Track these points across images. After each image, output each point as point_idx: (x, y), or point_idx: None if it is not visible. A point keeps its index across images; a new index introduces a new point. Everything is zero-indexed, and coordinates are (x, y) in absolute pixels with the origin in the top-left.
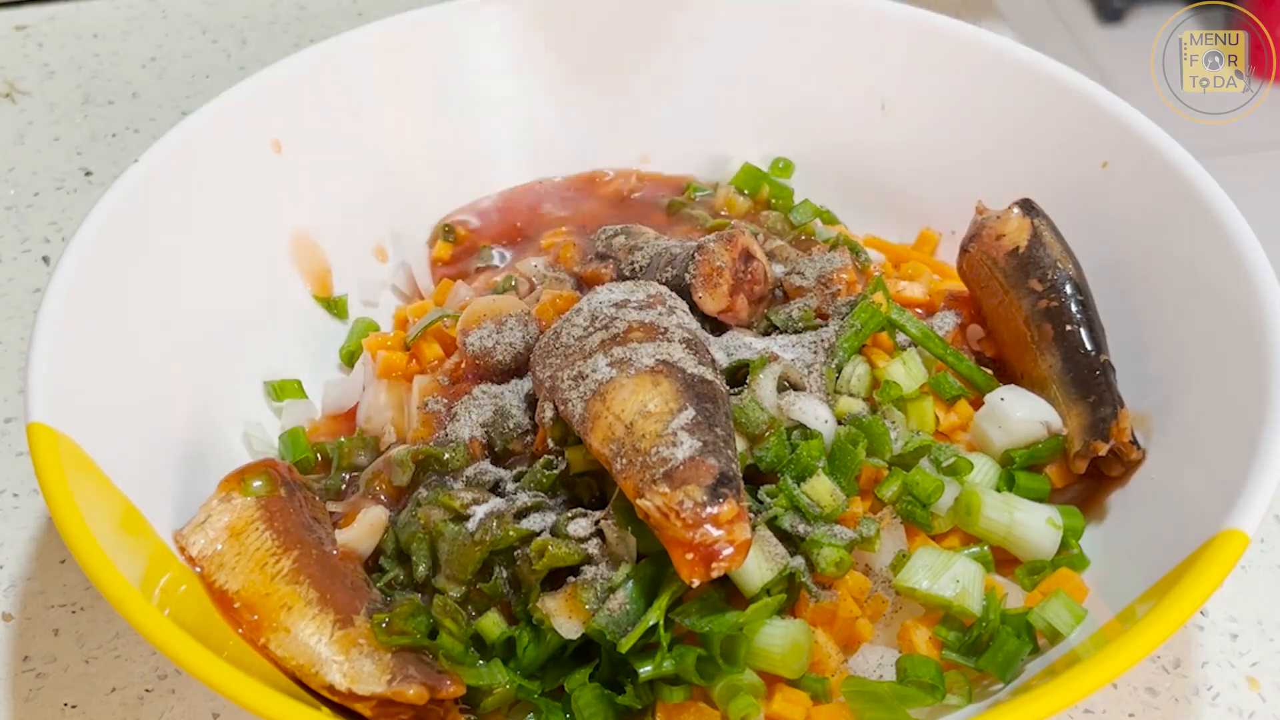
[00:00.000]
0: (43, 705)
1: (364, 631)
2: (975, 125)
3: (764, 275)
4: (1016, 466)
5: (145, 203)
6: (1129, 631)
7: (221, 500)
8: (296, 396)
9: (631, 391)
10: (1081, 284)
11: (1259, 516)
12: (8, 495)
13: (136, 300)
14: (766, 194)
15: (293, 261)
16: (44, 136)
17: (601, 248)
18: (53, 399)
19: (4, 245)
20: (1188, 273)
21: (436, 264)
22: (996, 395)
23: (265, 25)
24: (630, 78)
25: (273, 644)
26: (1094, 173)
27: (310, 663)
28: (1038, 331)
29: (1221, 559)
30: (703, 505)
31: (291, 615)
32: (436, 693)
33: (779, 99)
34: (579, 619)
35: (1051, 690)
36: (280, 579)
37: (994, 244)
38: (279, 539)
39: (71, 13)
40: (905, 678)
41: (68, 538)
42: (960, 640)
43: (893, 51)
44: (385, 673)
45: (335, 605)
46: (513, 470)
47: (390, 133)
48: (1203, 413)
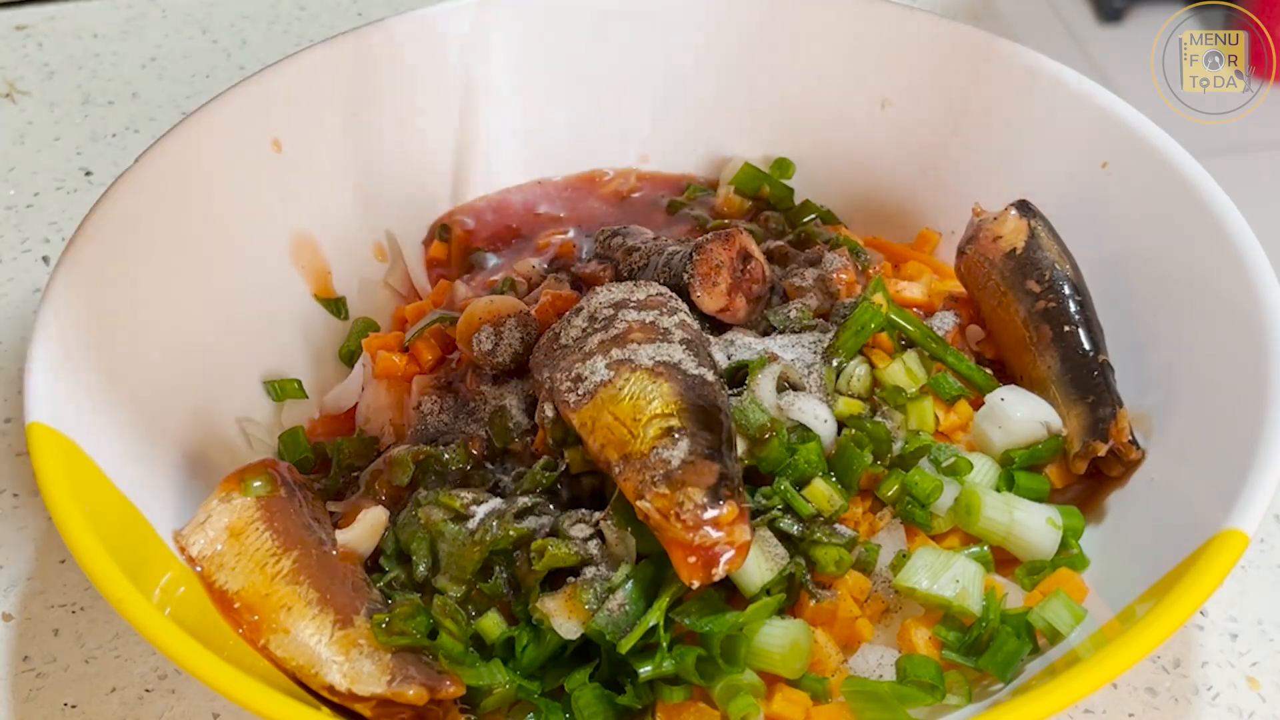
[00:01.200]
0: (43, 705)
1: (364, 632)
2: (975, 125)
3: (762, 274)
4: (1016, 466)
5: (145, 202)
6: (1129, 631)
7: (221, 500)
8: (297, 397)
9: (631, 392)
10: (1079, 284)
11: (1259, 516)
12: (8, 495)
13: (136, 300)
14: (767, 194)
15: (293, 261)
16: (44, 136)
17: (600, 248)
18: (52, 399)
19: (4, 245)
20: (1187, 273)
21: (432, 264)
22: (997, 395)
23: (265, 25)
24: (630, 78)
25: (273, 644)
26: (1094, 173)
27: (310, 663)
28: (1036, 332)
29: (1221, 559)
30: (703, 507)
31: (291, 616)
32: (436, 693)
33: (779, 99)
34: (578, 619)
35: (1051, 690)
36: (280, 579)
37: (991, 245)
38: (279, 539)
39: (71, 13)
40: (905, 678)
41: (68, 537)
42: (960, 640)
43: (893, 51)
44: (385, 673)
45: (335, 606)
46: (512, 471)
47: (390, 132)
48: (1202, 412)
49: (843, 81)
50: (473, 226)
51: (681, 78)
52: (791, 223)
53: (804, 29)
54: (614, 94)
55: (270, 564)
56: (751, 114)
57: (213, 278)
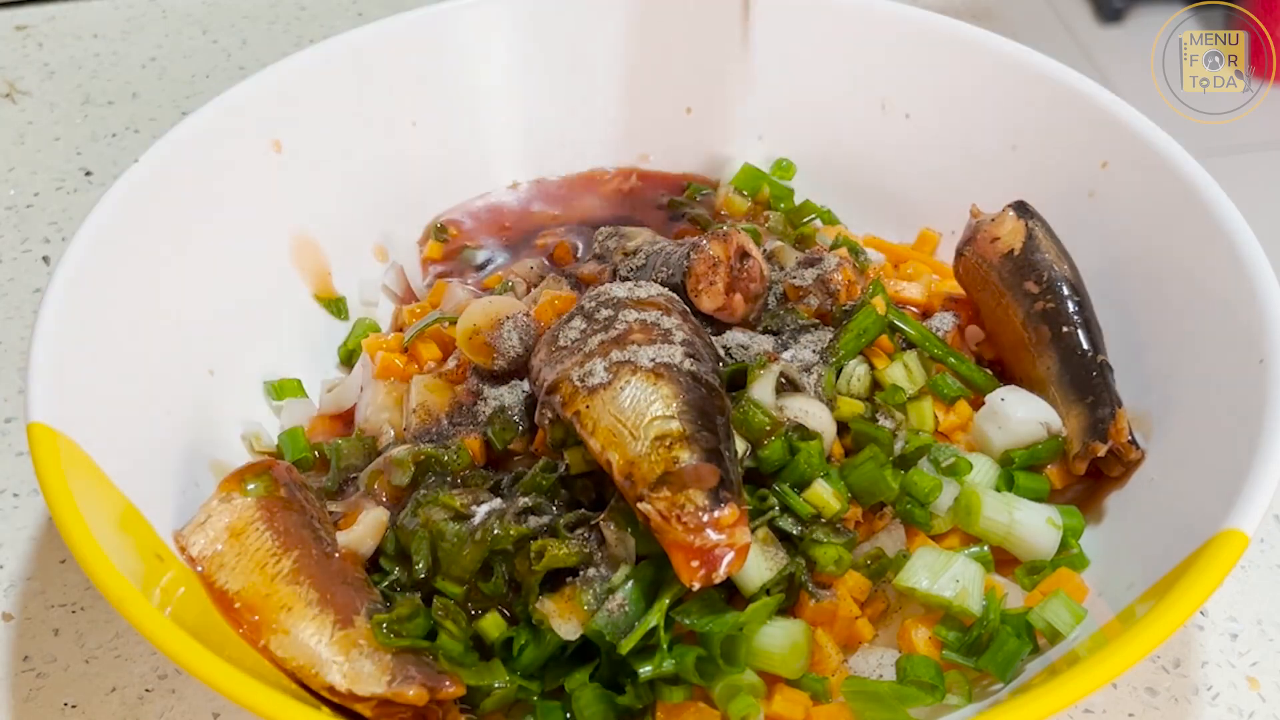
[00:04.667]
0: (43, 705)
1: (364, 632)
2: (976, 125)
3: (760, 273)
4: (1016, 466)
5: (145, 202)
6: (1129, 632)
7: (222, 500)
8: (297, 395)
9: (631, 394)
10: (1078, 284)
11: (1259, 516)
12: (8, 495)
13: (137, 300)
14: (767, 194)
15: (293, 261)
16: (44, 136)
17: (598, 249)
18: (53, 399)
19: (4, 245)
20: (1187, 273)
21: (428, 264)
22: (997, 395)
23: (265, 25)
24: (630, 77)
25: (273, 645)
26: (1094, 173)
27: (310, 663)
28: (1035, 333)
29: (1221, 559)
30: (704, 509)
31: (291, 616)
32: (436, 693)
33: (779, 99)
34: (578, 620)
35: (1051, 690)
36: (280, 579)
37: (989, 247)
38: (279, 539)
39: (71, 13)
40: (905, 678)
41: (68, 537)
42: (960, 640)
43: (894, 51)
44: (385, 673)
45: (335, 606)
46: (512, 471)
47: (390, 132)
48: (1202, 412)
49: (843, 82)
50: (469, 226)
51: (682, 77)
52: (792, 223)
53: (805, 30)
54: (614, 94)
55: (270, 564)
56: (752, 114)
57: (213, 277)
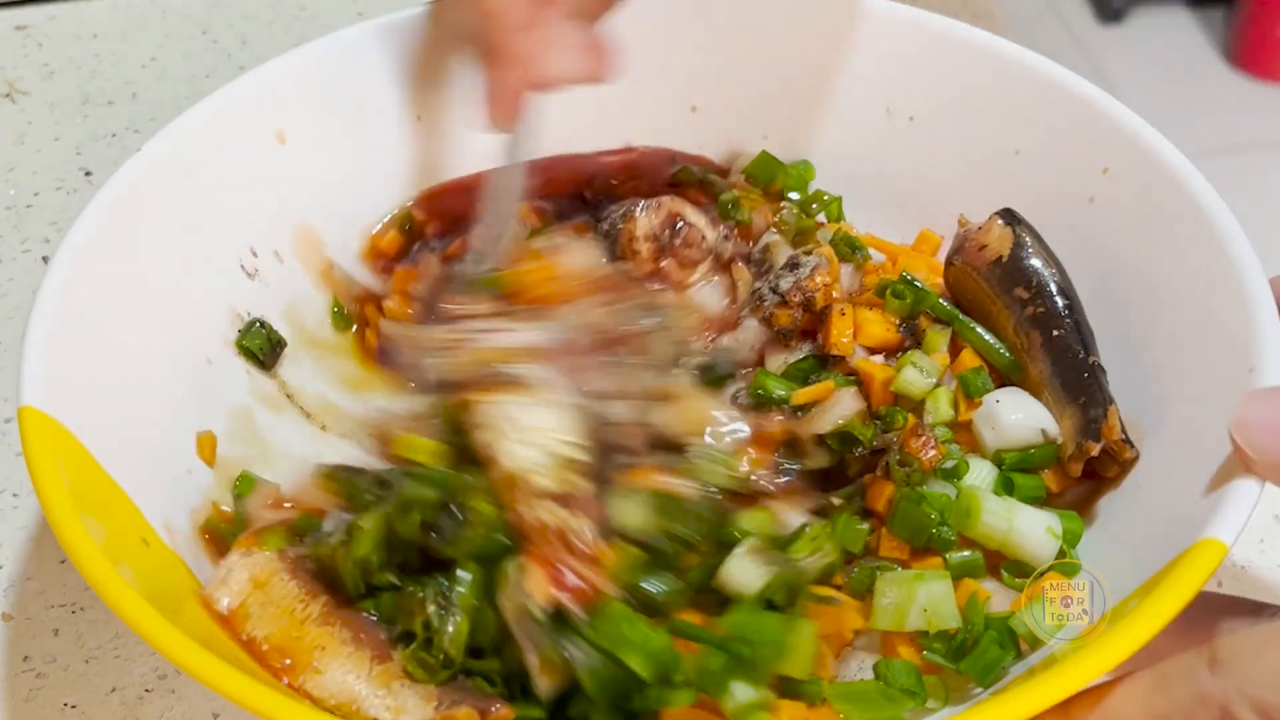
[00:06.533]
0: (43, 705)
1: (402, 666)
2: (978, 129)
3: (699, 239)
4: (1008, 468)
5: (147, 193)
6: (1096, 642)
7: (242, 555)
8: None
9: None
10: (1067, 287)
11: (1239, 525)
12: (7, 495)
13: (136, 292)
14: (779, 187)
15: (295, 254)
16: (44, 136)
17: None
18: (46, 383)
19: (4, 245)
20: (1181, 280)
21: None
22: (993, 397)
23: (265, 25)
24: (629, 77)
25: (309, 684)
26: (1095, 179)
27: (350, 700)
28: (1026, 338)
29: (1197, 568)
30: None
31: (325, 655)
32: (486, 715)
33: (783, 101)
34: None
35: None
36: (311, 623)
37: (977, 255)
38: (304, 587)
39: (71, 13)
40: (885, 683)
41: (64, 540)
42: (943, 645)
43: (896, 54)
44: (431, 700)
45: (371, 644)
46: None
47: (390, 131)
48: (1191, 420)
49: (847, 85)
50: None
51: (683, 78)
52: (806, 212)
53: (807, 31)
54: (614, 94)
55: (299, 609)
56: (754, 115)
57: (213, 272)
